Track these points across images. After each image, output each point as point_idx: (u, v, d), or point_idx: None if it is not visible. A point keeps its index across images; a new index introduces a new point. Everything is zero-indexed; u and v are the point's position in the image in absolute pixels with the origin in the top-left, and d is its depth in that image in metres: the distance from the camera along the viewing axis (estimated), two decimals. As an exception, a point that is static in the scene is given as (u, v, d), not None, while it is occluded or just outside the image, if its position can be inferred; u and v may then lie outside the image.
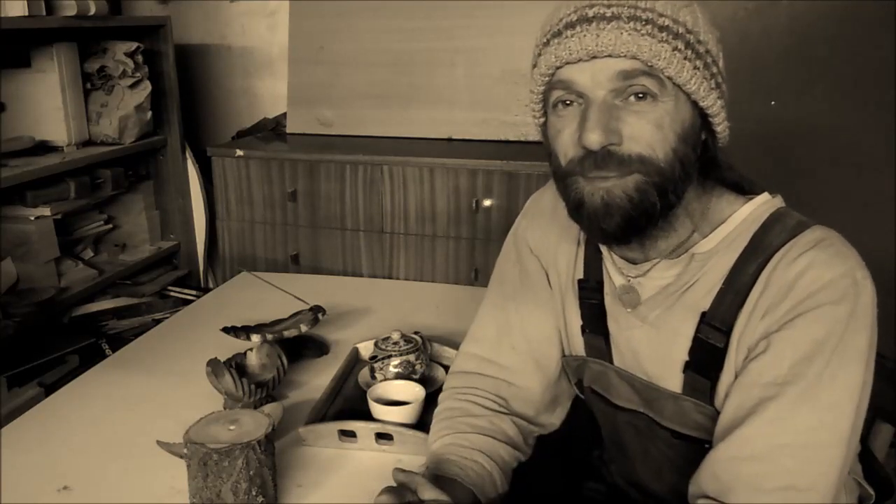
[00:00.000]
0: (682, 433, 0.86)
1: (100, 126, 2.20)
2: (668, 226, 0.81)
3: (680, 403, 0.84)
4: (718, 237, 0.81)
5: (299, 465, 1.01)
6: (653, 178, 0.74)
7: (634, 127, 0.74)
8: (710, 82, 0.75)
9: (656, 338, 0.85)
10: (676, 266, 0.83)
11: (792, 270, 0.74)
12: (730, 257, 0.79)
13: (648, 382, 0.87)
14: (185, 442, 0.85)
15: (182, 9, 2.62)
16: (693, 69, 0.73)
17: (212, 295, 1.75)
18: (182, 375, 1.24)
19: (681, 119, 0.75)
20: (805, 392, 0.71)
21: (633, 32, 0.71)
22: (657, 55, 0.72)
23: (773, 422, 0.72)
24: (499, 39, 2.18)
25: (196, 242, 2.52)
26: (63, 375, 1.91)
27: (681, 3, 0.74)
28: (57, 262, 2.07)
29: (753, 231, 0.79)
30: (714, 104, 0.76)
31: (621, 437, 0.97)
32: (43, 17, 1.88)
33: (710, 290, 0.80)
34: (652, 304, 0.85)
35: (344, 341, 1.38)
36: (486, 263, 2.02)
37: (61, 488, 0.96)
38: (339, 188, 2.11)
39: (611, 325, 0.90)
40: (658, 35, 0.72)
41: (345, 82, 2.35)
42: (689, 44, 0.73)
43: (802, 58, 2.16)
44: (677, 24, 0.73)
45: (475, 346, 1.02)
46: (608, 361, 0.92)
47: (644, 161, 0.74)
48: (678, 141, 0.75)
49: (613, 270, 0.89)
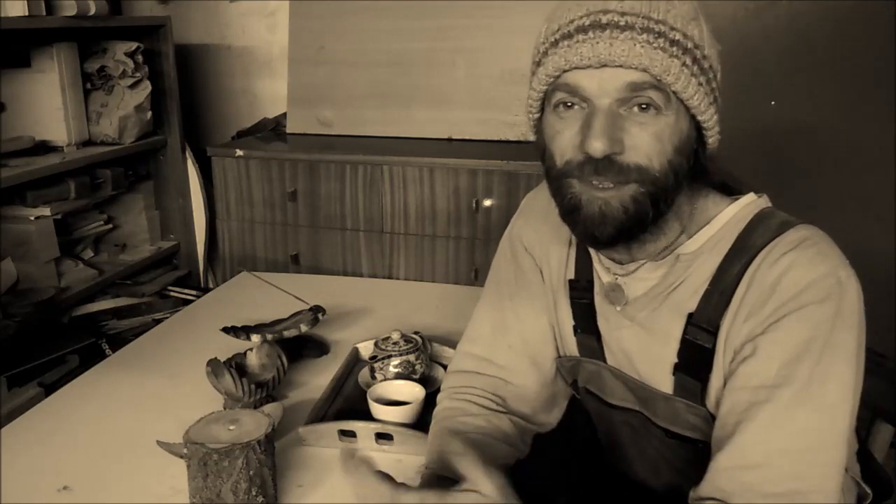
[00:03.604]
0: (676, 433, 0.86)
1: (100, 126, 2.20)
2: (657, 230, 0.81)
3: (672, 404, 0.84)
4: (703, 238, 0.81)
5: (299, 465, 1.01)
6: (648, 189, 0.75)
7: (636, 138, 0.73)
8: (710, 97, 0.75)
9: (645, 338, 0.85)
10: (662, 267, 0.83)
11: (774, 270, 0.74)
12: (715, 258, 0.79)
13: (641, 383, 0.87)
14: (185, 442, 0.85)
15: (182, 9, 2.62)
16: (698, 85, 0.73)
17: (212, 295, 1.75)
18: (182, 375, 1.24)
19: (679, 131, 0.75)
20: (797, 394, 0.71)
21: (645, 45, 0.71)
22: (667, 70, 0.72)
23: (769, 427, 0.72)
24: (499, 39, 2.18)
25: (196, 242, 2.52)
26: (63, 375, 1.91)
27: (689, 15, 0.74)
28: (57, 262, 2.07)
29: (738, 231, 0.79)
30: (711, 118, 0.76)
31: (617, 435, 0.97)
32: (43, 17, 1.88)
33: (696, 290, 0.80)
34: (639, 304, 0.85)
35: (344, 341, 1.38)
36: (485, 263, 2.01)
37: (61, 488, 0.96)
38: (339, 188, 2.11)
39: (601, 324, 0.90)
40: (669, 49, 0.72)
41: (345, 82, 2.35)
42: (696, 59, 0.73)
43: (802, 58, 2.16)
44: (687, 38, 0.73)
45: (472, 345, 1.02)
46: (601, 361, 0.92)
47: (641, 171, 0.74)
48: (674, 152, 0.75)
49: (601, 269, 0.89)
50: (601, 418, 0.99)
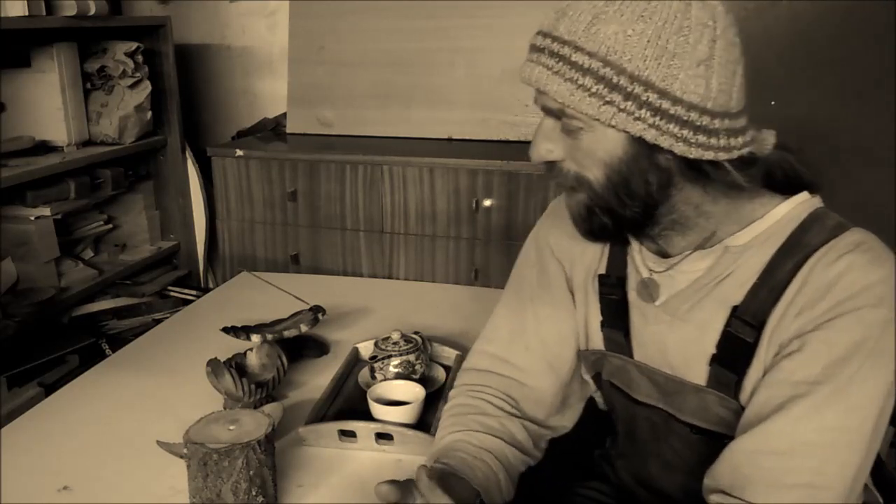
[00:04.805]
0: (702, 428, 0.86)
1: (100, 126, 2.20)
2: (670, 229, 0.82)
3: (703, 396, 0.84)
4: (754, 232, 0.81)
5: (299, 465, 1.01)
6: (594, 201, 0.79)
7: (571, 150, 0.78)
8: (639, 111, 0.72)
9: (684, 330, 0.85)
10: (708, 258, 0.83)
11: (831, 271, 0.74)
12: (765, 253, 0.80)
13: (672, 376, 0.87)
14: (185, 442, 0.85)
15: (182, 9, 2.62)
16: (603, 104, 0.72)
17: (212, 295, 1.75)
18: (182, 375, 1.24)
19: (606, 149, 0.76)
20: (835, 393, 0.72)
21: (546, 71, 0.75)
22: (563, 96, 0.74)
23: (800, 419, 0.72)
24: (499, 39, 2.18)
25: (196, 242, 2.51)
26: (63, 375, 1.91)
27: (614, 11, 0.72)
28: (57, 262, 2.07)
29: (791, 229, 0.79)
30: (646, 131, 0.73)
31: (637, 432, 0.97)
32: (43, 17, 1.88)
33: (743, 284, 0.80)
34: (681, 297, 0.85)
35: (344, 341, 1.38)
36: (485, 263, 2.02)
37: (61, 488, 0.97)
38: (339, 188, 2.11)
39: (635, 319, 0.91)
40: (567, 73, 0.73)
41: (345, 82, 2.35)
42: (601, 78, 0.72)
43: (803, 58, 2.16)
44: (592, 56, 0.72)
45: (488, 344, 1.03)
46: (627, 356, 0.93)
47: (581, 181, 0.79)
48: (608, 168, 0.77)
49: (640, 264, 0.90)
50: (624, 413, 0.99)
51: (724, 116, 0.75)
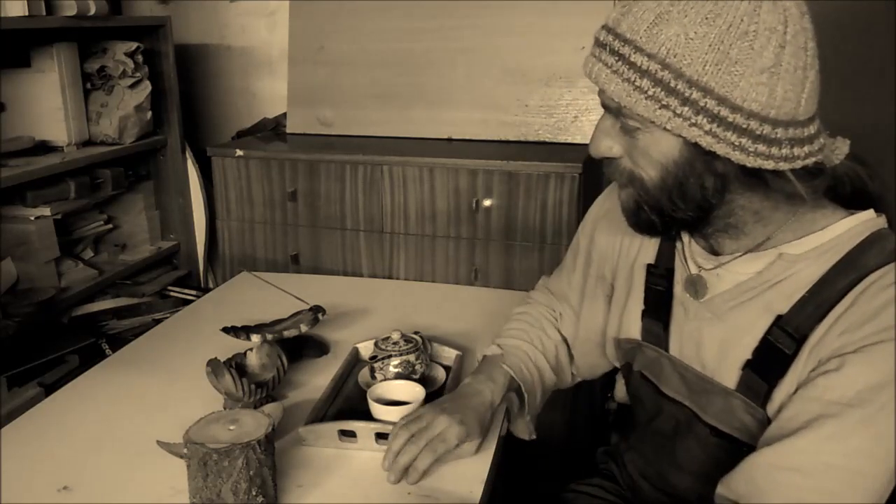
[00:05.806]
0: (723, 431, 0.85)
1: (100, 126, 2.19)
2: (722, 230, 0.83)
3: (730, 400, 0.84)
4: (810, 244, 0.80)
5: (299, 465, 1.01)
6: (644, 199, 0.80)
7: (629, 148, 0.79)
8: (696, 117, 0.71)
9: (722, 331, 0.85)
10: (759, 261, 0.82)
11: (883, 296, 0.73)
12: (820, 267, 0.78)
13: (702, 374, 0.87)
14: (185, 442, 0.85)
15: (182, 9, 2.62)
16: (659, 107, 0.71)
17: (212, 295, 1.75)
18: (182, 375, 1.24)
19: (662, 151, 0.76)
20: (865, 419, 0.70)
21: (605, 69, 0.74)
22: (620, 96, 0.74)
23: (828, 440, 0.71)
24: (499, 39, 2.18)
25: (196, 242, 2.51)
26: (63, 375, 1.91)
27: (678, 11, 0.70)
28: (57, 262, 2.07)
29: (850, 247, 0.78)
30: (702, 137, 0.72)
31: (658, 425, 0.97)
32: (43, 17, 1.88)
33: (792, 294, 0.79)
34: (726, 297, 0.84)
35: (344, 341, 1.38)
36: (486, 263, 2.02)
37: (61, 488, 0.96)
38: (339, 188, 2.10)
39: (677, 312, 0.91)
40: (625, 73, 0.72)
41: (345, 82, 2.35)
42: (658, 81, 0.71)
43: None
44: (651, 58, 0.71)
45: (553, 284, 1.18)
46: (663, 349, 0.92)
47: (633, 179, 0.79)
48: (663, 170, 0.77)
49: (689, 259, 0.89)
50: (650, 404, 0.99)
51: (788, 125, 0.72)
